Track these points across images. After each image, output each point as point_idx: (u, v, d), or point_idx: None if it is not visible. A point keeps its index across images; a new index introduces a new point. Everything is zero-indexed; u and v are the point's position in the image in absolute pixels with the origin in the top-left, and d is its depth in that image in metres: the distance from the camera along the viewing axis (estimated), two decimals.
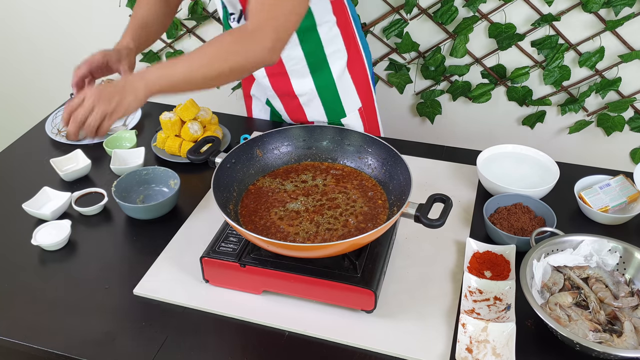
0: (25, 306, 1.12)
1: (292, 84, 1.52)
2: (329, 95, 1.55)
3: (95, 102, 1.07)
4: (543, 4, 1.86)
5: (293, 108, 1.58)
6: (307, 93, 1.54)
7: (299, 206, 1.17)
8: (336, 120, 1.60)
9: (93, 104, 1.07)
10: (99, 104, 1.07)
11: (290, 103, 1.57)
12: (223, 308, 1.10)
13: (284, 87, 1.54)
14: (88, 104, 1.07)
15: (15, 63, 2.66)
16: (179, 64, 1.11)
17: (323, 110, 1.58)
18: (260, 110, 1.73)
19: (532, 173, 1.40)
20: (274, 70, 1.51)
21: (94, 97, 1.07)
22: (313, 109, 1.57)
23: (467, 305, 1.09)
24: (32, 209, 1.30)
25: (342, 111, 1.59)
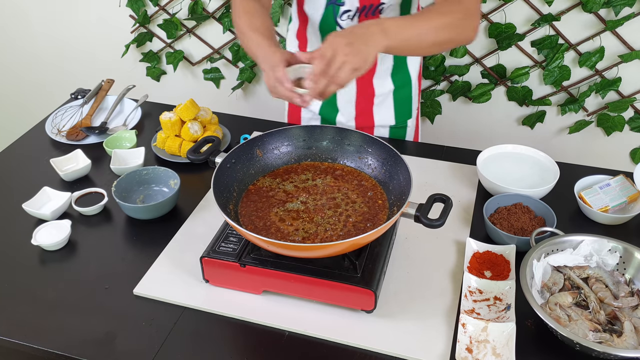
0: (25, 306, 1.12)
1: (374, 84, 1.53)
2: (403, 96, 1.56)
3: (347, 54, 1.02)
4: (543, 4, 1.86)
5: (363, 110, 1.57)
6: (383, 94, 1.54)
7: (298, 206, 1.17)
8: (403, 122, 1.61)
9: (346, 56, 1.02)
10: (350, 57, 1.02)
11: (364, 104, 1.56)
12: (223, 308, 1.10)
13: (366, 89, 1.53)
14: (341, 56, 1.02)
15: (16, 63, 2.66)
16: (415, 23, 1.11)
17: (393, 111, 1.58)
18: (310, 119, 1.67)
19: (532, 173, 1.40)
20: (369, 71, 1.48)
21: (346, 50, 1.02)
22: (383, 110, 1.57)
23: (467, 305, 1.09)
24: (32, 209, 1.30)
25: (410, 112, 1.60)
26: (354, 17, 1.38)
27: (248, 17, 1.25)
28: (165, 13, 2.26)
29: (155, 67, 2.40)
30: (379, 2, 1.35)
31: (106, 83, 1.84)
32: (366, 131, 1.59)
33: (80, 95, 1.83)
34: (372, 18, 1.36)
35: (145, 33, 2.33)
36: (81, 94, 1.84)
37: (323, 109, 1.62)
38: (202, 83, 2.42)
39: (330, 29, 1.42)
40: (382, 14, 1.37)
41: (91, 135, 1.61)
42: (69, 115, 1.72)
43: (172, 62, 2.32)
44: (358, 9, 1.36)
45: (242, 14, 1.26)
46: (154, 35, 2.33)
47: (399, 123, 1.60)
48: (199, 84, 2.43)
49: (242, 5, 1.28)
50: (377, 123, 1.60)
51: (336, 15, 1.39)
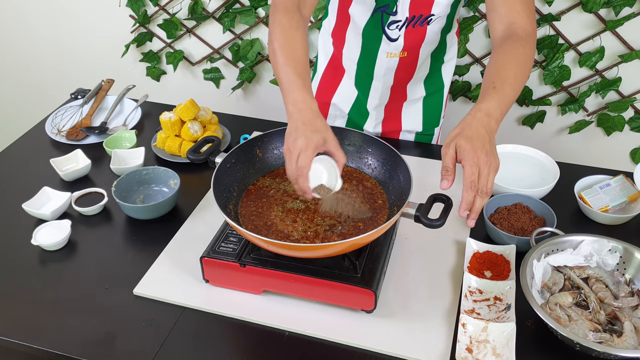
0: (25, 306, 1.12)
1: (407, 89, 1.53)
2: (434, 103, 1.56)
3: (490, 169, 1.01)
4: (543, 4, 1.86)
5: (392, 115, 1.57)
6: (414, 99, 1.55)
7: (298, 206, 1.17)
8: (430, 130, 1.61)
9: (489, 171, 1.01)
10: (493, 168, 1.02)
11: (394, 109, 1.56)
12: (223, 308, 1.10)
13: (400, 94, 1.53)
14: (485, 172, 1.01)
15: (16, 63, 2.66)
16: (508, 89, 1.10)
17: (422, 117, 1.58)
18: (336, 117, 1.64)
19: (532, 173, 1.40)
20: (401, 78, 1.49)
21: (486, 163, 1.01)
22: (412, 115, 1.57)
23: (467, 305, 1.09)
24: (32, 209, 1.30)
25: (438, 120, 1.60)
26: (402, 28, 1.37)
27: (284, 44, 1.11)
28: (165, 13, 2.26)
29: (155, 67, 2.40)
30: (429, 13, 1.34)
31: (106, 83, 1.84)
32: (392, 136, 1.60)
33: (80, 95, 1.83)
34: (419, 28, 1.36)
35: (145, 33, 2.33)
36: (81, 94, 1.83)
37: (352, 112, 1.61)
38: (202, 83, 2.42)
39: (376, 35, 1.41)
40: (430, 25, 1.36)
41: (91, 135, 1.61)
42: (69, 115, 1.72)
43: (172, 62, 2.32)
44: (407, 19, 1.35)
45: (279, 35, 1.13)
46: (154, 35, 2.33)
47: (426, 130, 1.61)
48: (199, 84, 2.43)
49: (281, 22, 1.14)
50: (404, 128, 1.59)
51: (384, 24, 1.38)
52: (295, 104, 1.05)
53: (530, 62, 1.17)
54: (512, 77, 1.11)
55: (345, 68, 1.56)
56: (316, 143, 1.02)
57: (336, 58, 1.56)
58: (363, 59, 1.49)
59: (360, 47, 1.47)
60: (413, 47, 1.41)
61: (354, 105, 1.60)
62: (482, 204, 1.00)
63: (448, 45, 1.49)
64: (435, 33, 1.40)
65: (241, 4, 2.16)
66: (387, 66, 1.46)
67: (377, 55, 1.44)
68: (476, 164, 0.99)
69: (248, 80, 2.28)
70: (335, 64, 1.57)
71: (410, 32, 1.37)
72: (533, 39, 1.18)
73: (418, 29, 1.36)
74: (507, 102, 1.09)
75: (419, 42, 1.40)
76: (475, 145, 1.01)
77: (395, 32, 1.38)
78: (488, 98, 1.08)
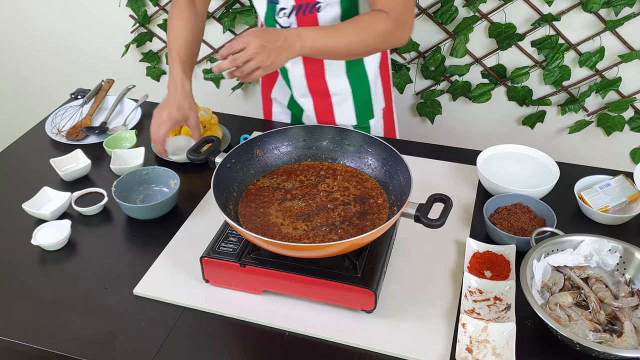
0: (25, 306, 1.12)
1: (327, 83, 1.53)
2: (362, 96, 1.56)
3: (255, 54, 1.13)
4: (543, 4, 1.86)
5: (323, 108, 1.58)
6: (341, 93, 1.54)
7: (298, 206, 1.17)
8: (364, 122, 1.61)
9: (253, 54, 1.13)
10: (258, 56, 1.13)
11: (322, 103, 1.57)
12: (223, 308, 1.10)
13: (319, 86, 1.54)
14: (249, 54, 1.13)
15: (16, 63, 2.66)
16: (334, 34, 1.22)
17: (354, 111, 1.58)
18: (280, 113, 1.71)
19: (532, 173, 1.40)
20: (313, 70, 1.50)
21: (256, 50, 1.13)
22: (344, 110, 1.57)
23: (467, 305, 1.09)
24: (32, 209, 1.30)
25: (371, 112, 1.60)
26: (290, 15, 1.39)
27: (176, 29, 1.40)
28: (165, 13, 2.26)
29: (155, 67, 2.40)
30: (315, 0, 1.35)
31: (106, 83, 1.84)
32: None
33: (80, 95, 1.83)
34: (309, 16, 1.38)
35: (145, 33, 2.33)
36: (81, 94, 1.83)
37: (292, 104, 1.64)
38: (202, 83, 2.42)
39: (272, 25, 1.45)
40: (320, 12, 1.37)
41: (91, 135, 1.61)
42: (69, 115, 1.72)
43: None
44: (294, 7, 1.38)
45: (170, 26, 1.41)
46: (154, 35, 2.33)
47: (360, 123, 1.61)
48: (199, 84, 2.43)
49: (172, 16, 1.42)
50: (338, 122, 1.60)
51: (274, 13, 1.41)
52: (174, 84, 1.35)
53: (375, 32, 1.25)
54: (344, 28, 1.23)
55: None
56: (177, 119, 1.33)
57: None
58: None
59: None
60: None
61: (290, 99, 1.63)
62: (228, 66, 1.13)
63: None
64: (331, 21, 1.40)
65: (241, 4, 2.16)
66: None
67: None
68: (246, 41, 1.12)
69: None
70: None
71: (302, 20, 1.39)
72: (394, 17, 1.25)
73: (309, 17, 1.38)
74: (325, 43, 1.21)
75: None
76: (261, 33, 1.13)
77: (284, 20, 1.41)
78: (314, 28, 1.21)
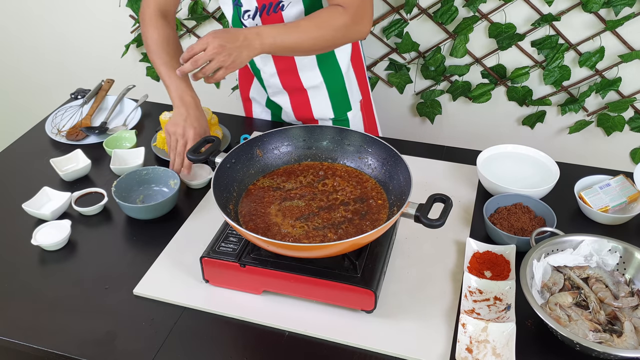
0: (25, 306, 1.12)
1: (300, 78, 1.53)
2: (336, 88, 1.56)
3: (216, 54, 1.17)
4: (543, 4, 1.86)
5: (300, 104, 1.59)
6: (315, 86, 1.55)
7: (299, 206, 1.17)
8: (342, 115, 1.61)
9: (214, 55, 1.17)
10: (218, 56, 1.18)
11: (298, 98, 1.58)
12: (223, 308, 1.10)
13: (293, 82, 1.54)
14: (209, 54, 1.17)
15: (16, 63, 2.66)
16: (293, 31, 1.25)
17: (330, 103, 1.58)
18: (260, 112, 1.73)
19: (532, 173, 1.40)
20: (284, 66, 1.51)
21: (216, 50, 1.17)
22: (320, 102, 1.58)
23: (467, 305, 1.09)
24: (32, 209, 1.30)
25: (348, 104, 1.60)
26: (254, 17, 1.40)
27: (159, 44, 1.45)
28: None
29: None
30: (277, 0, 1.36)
31: (106, 83, 1.84)
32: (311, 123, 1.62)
33: (80, 95, 1.83)
34: (274, 15, 1.39)
35: None
36: (81, 94, 1.83)
37: (269, 103, 1.65)
38: (202, 83, 2.41)
39: (237, 26, 1.45)
40: (284, 10, 1.38)
41: (91, 135, 1.61)
42: (69, 115, 1.72)
43: None
44: (257, 9, 1.39)
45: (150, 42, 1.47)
46: None
47: (337, 116, 1.61)
48: (199, 84, 2.42)
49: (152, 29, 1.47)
50: (316, 116, 1.60)
51: (240, 15, 1.42)
52: (180, 97, 1.37)
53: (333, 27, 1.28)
54: (303, 24, 1.26)
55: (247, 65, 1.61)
56: (200, 133, 1.35)
57: None
58: None
59: None
60: None
61: (267, 98, 1.64)
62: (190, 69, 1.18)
63: None
64: (295, 19, 1.40)
65: None
66: (261, 55, 1.49)
67: None
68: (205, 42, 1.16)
69: None
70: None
71: (266, 20, 1.40)
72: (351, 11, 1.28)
73: (273, 16, 1.39)
74: (284, 39, 1.24)
75: None
76: (220, 34, 1.16)
77: (249, 22, 1.42)
78: (273, 26, 1.25)
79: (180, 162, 1.36)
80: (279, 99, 1.61)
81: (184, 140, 1.34)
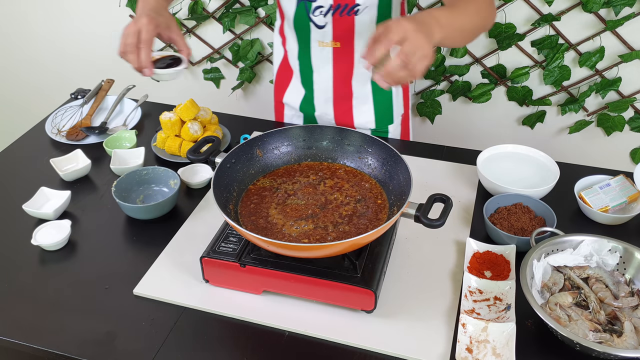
0: (25, 306, 1.12)
1: (352, 86, 1.52)
2: (383, 102, 1.56)
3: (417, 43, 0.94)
4: (543, 4, 1.86)
5: (343, 111, 1.57)
6: (362, 96, 1.54)
7: (299, 206, 1.17)
8: (383, 127, 1.60)
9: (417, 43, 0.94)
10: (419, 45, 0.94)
11: (343, 105, 1.56)
12: (223, 308, 1.10)
13: (344, 90, 1.53)
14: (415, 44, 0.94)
15: (16, 62, 2.66)
16: (460, 13, 1.10)
17: (373, 115, 1.57)
18: (292, 116, 1.69)
19: (532, 173, 1.40)
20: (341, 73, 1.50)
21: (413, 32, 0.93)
22: (364, 113, 1.57)
23: (467, 305, 1.09)
24: (32, 209, 1.30)
25: (391, 118, 1.60)
26: (327, 14, 1.38)
27: None
28: None
29: None
30: (354, 2, 1.35)
31: (106, 83, 1.84)
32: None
33: (80, 95, 1.83)
34: (347, 18, 1.37)
35: None
36: (81, 94, 1.84)
37: (303, 106, 1.62)
38: (202, 83, 2.42)
39: (304, 25, 1.43)
40: (358, 15, 1.37)
41: (91, 135, 1.61)
42: (69, 115, 1.72)
43: None
44: (332, 7, 1.36)
45: None
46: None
47: (379, 127, 1.60)
48: (199, 84, 2.43)
49: None
50: (357, 125, 1.60)
51: (309, 11, 1.39)
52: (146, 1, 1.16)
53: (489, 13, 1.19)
54: (471, 8, 1.13)
55: (291, 66, 1.58)
56: (158, 22, 1.09)
57: (285, 57, 1.59)
58: (301, 52, 1.51)
59: (296, 40, 1.49)
60: (344, 37, 1.42)
61: (302, 102, 1.61)
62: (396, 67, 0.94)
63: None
64: (367, 24, 1.39)
65: (241, 4, 2.16)
66: (322, 56, 1.47)
67: (311, 44, 1.46)
68: (403, 31, 0.93)
69: (248, 80, 2.28)
70: (285, 63, 1.60)
71: (338, 20, 1.38)
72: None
73: (346, 18, 1.37)
74: (458, 22, 1.09)
75: (349, 32, 1.40)
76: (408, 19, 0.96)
77: (320, 19, 1.39)
78: (442, 9, 1.08)
79: (134, 58, 1.09)
80: (323, 105, 1.58)
81: (136, 29, 1.09)
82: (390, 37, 0.93)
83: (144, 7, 1.15)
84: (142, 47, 1.05)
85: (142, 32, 1.07)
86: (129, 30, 1.08)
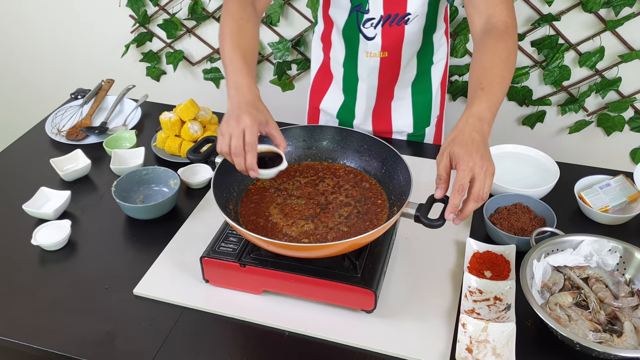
0: (25, 306, 1.12)
1: (394, 90, 1.53)
2: (423, 104, 1.56)
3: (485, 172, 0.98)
4: (543, 4, 1.86)
5: (382, 117, 1.58)
6: (402, 98, 1.55)
7: (299, 206, 1.16)
8: (420, 130, 1.61)
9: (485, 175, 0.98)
10: (487, 171, 0.99)
11: (383, 111, 1.57)
12: (223, 308, 1.10)
13: (386, 94, 1.54)
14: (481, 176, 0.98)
15: (15, 63, 2.66)
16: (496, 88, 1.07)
17: (412, 118, 1.57)
18: (327, 122, 1.67)
19: (532, 173, 1.40)
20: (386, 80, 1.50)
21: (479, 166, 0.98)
22: (402, 115, 1.57)
23: (467, 305, 1.09)
24: (32, 209, 1.30)
25: (428, 120, 1.60)
26: (377, 26, 1.38)
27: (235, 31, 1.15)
28: (165, 13, 2.26)
29: (155, 67, 2.40)
30: (405, 12, 1.34)
31: (106, 83, 1.84)
32: (384, 136, 1.61)
33: (80, 95, 1.83)
34: (396, 28, 1.37)
35: (145, 33, 2.33)
36: (81, 94, 1.84)
37: (341, 113, 1.62)
38: (202, 83, 2.42)
39: (354, 35, 1.42)
40: (408, 24, 1.37)
41: (91, 135, 1.61)
42: (69, 115, 1.72)
43: (172, 62, 2.32)
44: (382, 18, 1.36)
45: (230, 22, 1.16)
46: (153, 35, 2.33)
47: (416, 131, 1.61)
48: (199, 84, 2.43)
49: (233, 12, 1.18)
50: (395, 129, 1.60)
51: (359, 22, 1.39)
52: (238, 88, 1.07)
53: (514, 56, 1.15)
54: (498, 75, 1.09)
55: (332, 72, 1.58)
56: (260, 121, 1.03)
57: (326, 63, 1.59)
58: (347, 60, 1.51)
59: (344, 48, 1.49)
60: (393, 47, 1.42)
61: (341, 108, 1.61)
62: (473, 208, 0.98)
63: (435, 46, 1.49)
64: (416, 33, 1.40)
65: None
66: (369, 66, 1.47)
67: (358, 55, 1.46)
68: (470, 169, 0.97)
69: None
70: (325, 69, 1.60)
71: (387, 31, 1.38)
72: (514, 31, 1.17)
73: (396, 28, 1.37)
74: (496, 102, 1.07)
75: (398, 41, 1.41)
76: (469, 149, 0.99)
77: (370, 31, 1.39)
78: (478, 101, 1.05)
79: (241, 161, 1.02)
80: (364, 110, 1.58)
81: (240, 130, 1.01)
82: (462, 184, 0.97)
83: (240, 102, 1.05)
84: (249, 151, 1.01)
85: (246, 134, 1.01)
86: (233, 131, 1.01)
